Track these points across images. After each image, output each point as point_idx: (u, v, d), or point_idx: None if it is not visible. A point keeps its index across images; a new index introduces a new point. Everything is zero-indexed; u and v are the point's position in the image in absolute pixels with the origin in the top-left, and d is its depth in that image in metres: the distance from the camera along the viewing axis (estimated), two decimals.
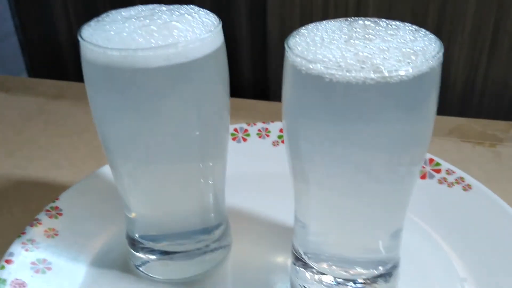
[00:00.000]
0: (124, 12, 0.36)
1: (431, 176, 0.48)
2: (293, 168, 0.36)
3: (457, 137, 0.60)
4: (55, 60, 0.85)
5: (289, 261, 0.42)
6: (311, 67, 0.29)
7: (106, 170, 0.49)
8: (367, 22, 0.33)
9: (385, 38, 0.31)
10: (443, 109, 0.67)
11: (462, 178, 0.47)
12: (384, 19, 0.33)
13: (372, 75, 0.28)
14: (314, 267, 0.38)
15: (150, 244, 0.41)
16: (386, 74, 0.28)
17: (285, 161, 0.55)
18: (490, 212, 0.43)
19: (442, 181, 0.48)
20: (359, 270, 0.38)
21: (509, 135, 0.59)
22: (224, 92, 0.36)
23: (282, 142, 0.54)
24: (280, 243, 0.44)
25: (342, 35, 0.31)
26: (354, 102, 0.29)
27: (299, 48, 0.31)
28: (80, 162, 0.58)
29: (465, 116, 0.66)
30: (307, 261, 0.39)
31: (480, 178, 0.47)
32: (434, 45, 0.30)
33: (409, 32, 0.31)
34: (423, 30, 0.32)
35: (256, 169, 0.52)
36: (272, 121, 0.55)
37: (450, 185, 0.47)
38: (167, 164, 0.37)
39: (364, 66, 0.28)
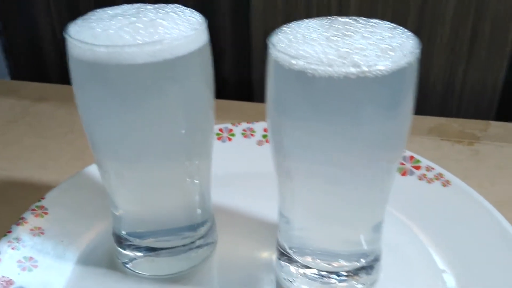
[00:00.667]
0: (110, 10, 0.36)
1: (411, 173, 0.50)
2: (277, 164, 0.37)
3: (437, 136, 0.61)
4: (38, 63, 0.85)
5: (274, 256, 0.43)
6: (294, 62, 0.30)
7: (91, 169, 0.49)
8: (347, 20, 0.34)
9: (364, 35, 0.32)
10: (423, 110, 0.69)
11: (441, 174, 0.48)
12: (363, 18, 0.34)
13: (352, 70, 0.29)
14: (299, 261, 0.39)
15: (136, 241, 0.42)
16: (365, 69, 0.29)
17: (270, 160, 0.56)
18: (468, 206, 0.45)
19: (422, 177, 0.49)
20: (342, 262, 0.38)
21: (486, 134, 0.61)
22: (208, 90, 0.37)
23: (267, 141, 0.55)
24: (265, 240, 0.44)
25: (323, 32, 0.32)
26: (335, 97, 0.30)
27: (282, 45, 0.32)
28: (65, 162, 0.58)
29: (445, 116, 0.68)
30: (292, 255, 0.39)
31: (459, 175, 0.48)
32: (411, 41, 0.31)
33: (387, 30, 0.32)
34: (401, 28, 0.33)
35: (241, 168, 0.53)
36: (257, 121, 0.56)
37: (429, 181, 0.48)
38: (154, 162, 0.37)
39: (344, 61, 0.29)
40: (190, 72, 0.34)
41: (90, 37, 0.33)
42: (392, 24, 0.33)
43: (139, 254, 0.42)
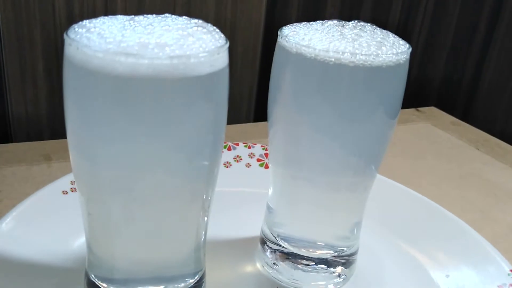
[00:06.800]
0: (108, 21, 0.31)
1: None
2: (283, 161, 0.39)
3: None
4: None
5: (258, 264, 0.43)
6: (340, 56, 0.33)
7: None
8: (336, 22, 0.38)
9: (369, 33, 0.36)
10: None
11: None
12: (344, 21, 0.38)
13: (393, 58, 0.34)
14: (284, 247, 0.41)
15: None
16: (395, 58, 0.34)
17: None
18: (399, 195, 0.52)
19: None
20: (326, 251, 0.41)
21: None
22: (226, 113, 0.34)
23: None
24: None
25: (333, 32, 0.36)
26: (360, 84, 0.34)
27: (312, 44, 0.34)
28: None
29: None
30: (278, 242, 0.41)
31: None
32: (398, 38, 0.37)
33: (377, 29, 0.38)
34: (384, 30, 0.38)
35: None
36: None
37: None
38: (169, 195, 0.33)
39: (379, 51, 0.34)
40: (221, 89, 0.32)
41: (115, 47, 0.28)
42: (372, 25, 0.38)
43: None
